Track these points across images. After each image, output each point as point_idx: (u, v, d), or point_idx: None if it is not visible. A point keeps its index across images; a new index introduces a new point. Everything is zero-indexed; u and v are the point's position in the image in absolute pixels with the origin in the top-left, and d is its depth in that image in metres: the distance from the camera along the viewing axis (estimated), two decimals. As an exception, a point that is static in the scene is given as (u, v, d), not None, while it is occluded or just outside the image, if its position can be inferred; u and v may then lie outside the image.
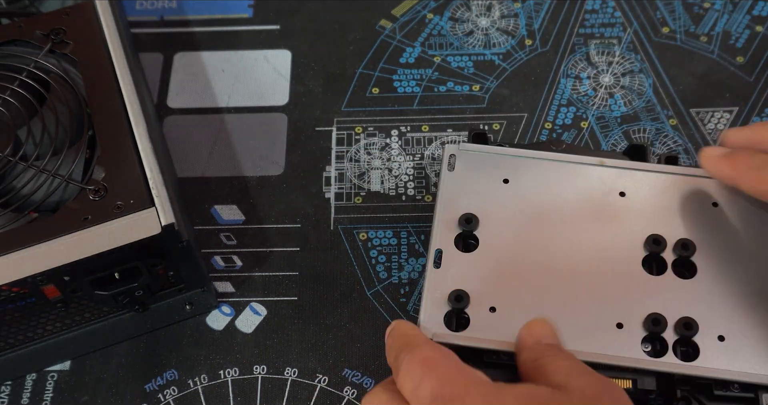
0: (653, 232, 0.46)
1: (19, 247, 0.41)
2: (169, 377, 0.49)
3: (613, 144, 0.57)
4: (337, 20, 0.63)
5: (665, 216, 0.47)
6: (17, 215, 0.43)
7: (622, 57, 0.61)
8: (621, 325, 0.44)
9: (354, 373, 0.49)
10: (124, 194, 0.43)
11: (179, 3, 0.65)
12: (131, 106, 0.47)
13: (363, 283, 0.52)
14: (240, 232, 0.54)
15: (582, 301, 0.45)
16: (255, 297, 0.52)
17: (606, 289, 0.45)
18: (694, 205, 0.47)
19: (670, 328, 0.44)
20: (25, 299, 0.43)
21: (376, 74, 0.61)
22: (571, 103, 0.59)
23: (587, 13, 0.63)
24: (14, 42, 0.50)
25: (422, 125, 0.58)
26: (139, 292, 0.46)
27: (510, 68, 0.60)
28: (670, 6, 0.63)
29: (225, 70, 0.61)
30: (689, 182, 0.48)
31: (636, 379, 0.43)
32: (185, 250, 0.45)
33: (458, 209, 0.48)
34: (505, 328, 0.44)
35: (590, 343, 0.44)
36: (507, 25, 0.63)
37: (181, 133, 0.58)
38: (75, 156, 0.45)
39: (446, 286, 0.45)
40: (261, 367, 0.50)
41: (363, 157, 0.57)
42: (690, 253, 0.46)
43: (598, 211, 0.48)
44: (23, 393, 0.49)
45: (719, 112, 0.58)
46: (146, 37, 0.63)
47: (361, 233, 0.54)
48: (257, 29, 0.63)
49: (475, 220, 0.47)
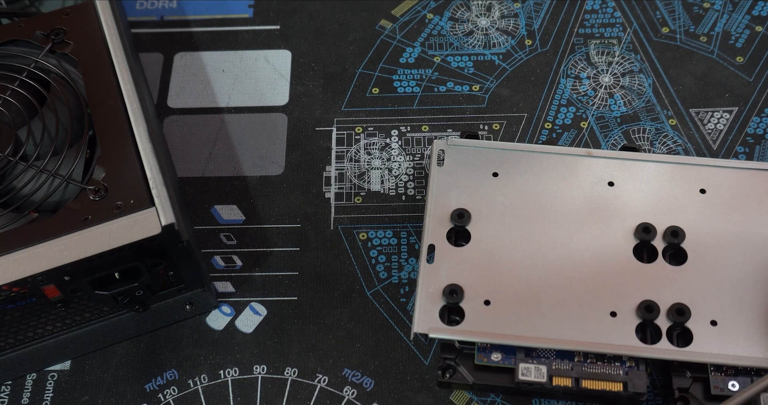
0: (643, 221, 0.47)
1: (19, 247, 0.42)
2: (169, 377, 0.49)
3: (613, 144, 0.57)
4: (337, 20, 0.63)
5: (654, 204, 0.48)
6: (17, 215, 0.43)
7: (621, 57, 0.61)
8: (614, 314, 0.45)
9: (354, 373, 0.49)
10: (125, 194, 0.43)
11: (179, 3, 0.65)
12: (131, 106, 0.47)
13: (363, 283, 0.52)
14: (240, 232, 0.55)
15: (575, 290, 0.45)
16: (255, 297, 0.52)
17: (598, 278, 0.46)
18: (682, 193, 0.48)
19: (663, 314, 0.44)
20: (25, 299, 0.43)
21: (376, 74, 0.61)
22: (571, 103, 0.59)
23: (587, 13, 0.63)
24: (14, 42, 0.50)
25: (422, 125, 0.58)
26: (139, 292, 0.46)
27: (510, 68, 0.61)
28: (669, 6, 0.63)
29: (225, 70, 0.61)
30: (677, 170, 0.49)
31: (626, 382, 0.43)
32: (185, 250, 0.45)
33: (449, 204, 0.48)
34: (500, 320, 0.44)
35: (585, 332, 0.44)
36: (507, 25, 0.63)
37: (181, 133, 0.59)
38: (75, 156, 0.45)
39: (440, 281, 0.46)
40: (261, 366, 0.50)
41: (363, 157, 0.57)
42: (680, 240, 0.46)
43: (587, 201, 0.48)
44: (23, 393, 0.49)
45: (719, 112, 0.58)
46: (146, 37, 0.63)
47: (361, 233, 0.54)
48: (257, 29, 0.63)
49: (467, 215, 0.47)
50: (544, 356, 0.45)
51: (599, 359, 0.44)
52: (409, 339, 0.50)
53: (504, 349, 0.45)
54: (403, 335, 0.50)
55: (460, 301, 0.45)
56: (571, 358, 0.44)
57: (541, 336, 0.44)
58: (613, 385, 0.44)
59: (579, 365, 0.44)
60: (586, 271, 0.46)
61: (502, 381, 0.45)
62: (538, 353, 0.45)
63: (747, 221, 0.47)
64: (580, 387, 0.44)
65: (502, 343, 0.44)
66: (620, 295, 0.45)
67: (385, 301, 0.52)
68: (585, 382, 0.44)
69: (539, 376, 0.44)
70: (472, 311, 0.45)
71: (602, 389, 0.44)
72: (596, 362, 0.44)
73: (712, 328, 0.44)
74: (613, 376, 0.44)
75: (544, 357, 0.45)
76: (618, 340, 0.44)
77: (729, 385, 0.43)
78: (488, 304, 0.45)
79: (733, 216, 0.47)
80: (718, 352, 0.43)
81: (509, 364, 0.44)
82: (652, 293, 0.45)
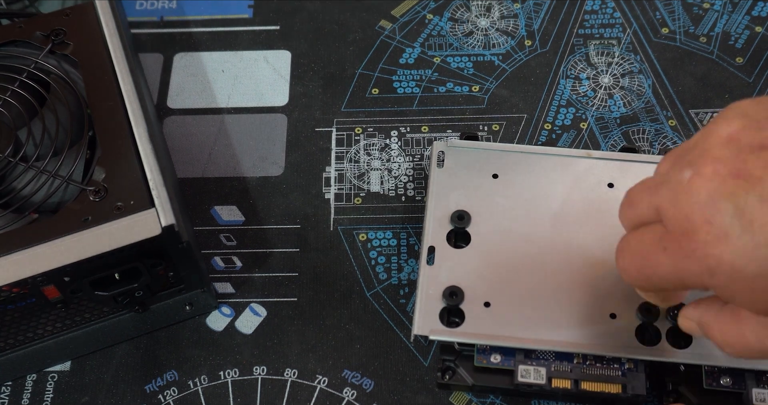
0: None
1: (19, 247, 0.41)
2: (169, 378, 0.49)
3: (613, 145, 0.57)
4: (337, 20, 0.63)
5: None
6: (17, 216, 0.43)
7: (621, 58, 0.61)
8: (614, 316, 0.45)
9: (354, 374, 0.49)
10: (125, 195, 0.43)
11: (179, 3, 0.65)
12: (131, 107, 0.47)
13: (363, 284, 0.52)
14: (240, 232, 0.55)
15: (575, 292, 0.45)
16: (255, 298, 0.52)
17: (598, 279, 0.46)
18: None
19: (662, 316, 0.44)
20: (25, 300, 0.43)
21: (375, 75, 0.61)
22: (571, 104, 0.59)
23: (587, 14, 0.63)
24: (14, 43, 0.50)
25: (422, 126, 0.58)
26: (139, 292, 0.46)
27: (510, 69, 0.61)
28: (669, 6, 0.63)
29: (225, 70, 0.61)
30: None
31: (626, 384, 0.44)
32: (185, 251, 0.45)
33: (449, 206, 0.48)
34: (500, 322, 0.45)
35: (584, 334, 0.44)
36: (507, 26, 0.63)
37: (181, 133, 0.58)
38: (75, 157, 0.45)
39: (440, 282, 0.46)
40: (261, 368, 0.50)
41: (363, 157, 0.57)
42: None
43: (587, 202, 0.48)
44: (23, 393, 0.49)
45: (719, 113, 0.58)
46: (146, 38, 0.63)
47: (361, 234, 0.54)
48: (257, 30, 0.63)
49: (467, 217, 0.47)
50: (544, 358, 0.45)
51: (598, 361, 0.44)
52: (408, 340, 0.50)
53: (503, 351, 0.45)
54: (403, 337, 0.50)
55: (460, 302, 0.45)
56: (570, 360, 0.44)
57: (540, 338, 0.44)
58: (612, 386, 0.44)
59: (578, 367, 0.44)
60: (586, 273, 0.46)
61: (501, 382, 0.45)
62: (538, 355, 0.45)
63: None
64: (579, 389, 0.44)
65: (501, 345, 0.44)
66: (620, 297, 0.45)
67: (385, 303, 0.52)
68: (584, 384, 0.44)
69: (538, 378, 0.44)
70: (472, 313, 0.45)
71: (601, 391, 0.44)
72: (595, 364, 0.44)
73: None
74: (612, 377, 0.44)
75: (544, 359, 0.45)
76: (618, 342, 0.44)
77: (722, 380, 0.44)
78: (488, 306, 0.45)
79: None
80: (718, 354, 0.43)
81: (509, 365, 0.45)
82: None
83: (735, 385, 0.43)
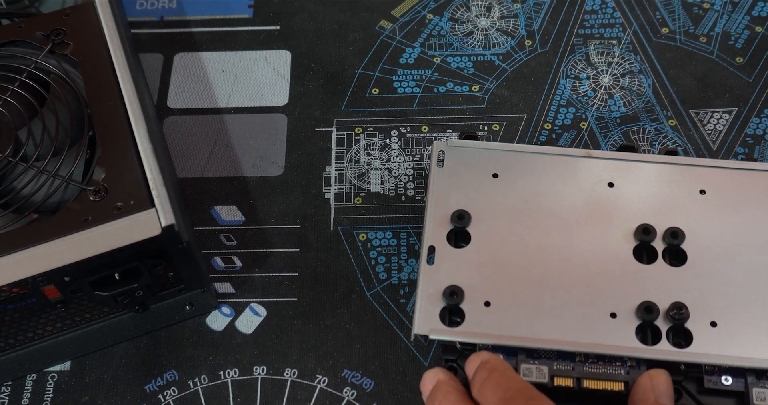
0: (643, 222, 0.47)
1: (19, 247, 0.41)
2: (169, 378, 0.49)
3: (613, 144, 0.57)
4: (337, 20, 0.63)
5: (654, 205, 0.48)
6: (18, 216, 0.43)
7: (621, 57, 0.61)
8: (614, 315, 0.45)
9: (353, 374, 0.49)
10: (125, 195, 0.43)
11: (179, 3, 0.65)
12: (131, 107, 0.47)
13: (363, 283, 0.52)
14: (240, 232, 0.55)
15: (575, 291, 0.45)
16: (255, 298, 0.52)
17: (598, 279, 0.46)
18: (681, 194, 0.48)
19: (662, 315, 0.44)
20: (25, 300, 0.43)
21: (375, 75, 0.61)
22: (571, 104, 0.59)
23: (587, 14, 0.63)
24: (14, 43, 0.50)
25: (422, 126, 0.58)
26: (139, 292, 0.46)
27: (510, 69, 0.61)
28: (669, 6, 0.63)
29: (225, 70, 0.61)
30: (676, 171, 0.49)
31: (628, 382, 0.44)
32: (185, 251, 0.45)
33: (449, 205, 0.48)
34: (500, 322, 0.45)
35: (585, 334, 0.44)
36: (507, 26, 0.63)
37: (181, 133, 0.58)
38: (75, 157, 0.45)
39: (440, 282, 0.46)
40: (261, 367, 0.50)
41: (363, 157, 0.57)
42: (680, 241, 0.46)
43: (587, 202, 0.48)
44: (23, 393, 0.49)
45: (719, 113, 0.58)
46: (146, 38, 0.63)
47: (361, 234, 0.54)
48: (257, 30, 0.63)
49: (467, 216, 0.47)
50: (546, 357, 0.45)
51: (600, 359, 0.44)
52: (409, 340, 0.50)
53: (505, 350, 0.45)
54: (403, 336, 0.50)
55: (460, 302, 0.45)
56: (572, 359, 0.44)
57: (541, 337, 0.44)
58: (615, 384, 0.44)
59: (580, 365, 0.44)
60: (586, 272, 0.46)
61: None
62: (540, 354, 0.45)
63: (747, 222, 0.47)
64: (581, 387, 0.44)
65: (502, 344, 0.44)
66: (620, 296, 0.45)
67: (385, 302, 0.52)
68: (586, 382, 0.44)
69: (541, 377, 0.44)
70: (473, 312, 0.45)
71: (603, 389, 0.44)
72: (597, 362, 0.44)
73: (712, 329, 0.44)
74: (615, 375, 0.44)
75: (546, 357, 0.45)
76: (618, 341, 0.44)
77: (722, 379, 0.44)
78: (489, 306, 0.45)
79: (732, 217, 0.47)
80: (718, 353, 0.43)
81: (511, 364, 0.44)
82: (652, 294, 0.45)
83: (735, 385, 0.43)
